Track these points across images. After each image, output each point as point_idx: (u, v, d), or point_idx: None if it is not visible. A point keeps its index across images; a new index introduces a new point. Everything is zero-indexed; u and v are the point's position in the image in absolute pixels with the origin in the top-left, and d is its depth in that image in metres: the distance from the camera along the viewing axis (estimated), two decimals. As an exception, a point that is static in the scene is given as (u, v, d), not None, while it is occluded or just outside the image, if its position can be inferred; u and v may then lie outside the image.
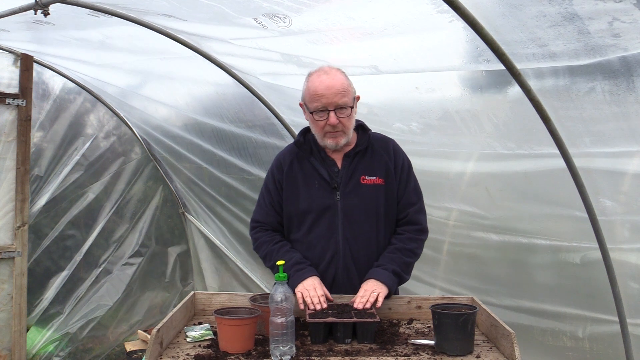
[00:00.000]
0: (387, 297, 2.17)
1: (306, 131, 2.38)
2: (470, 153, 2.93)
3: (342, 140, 2.22)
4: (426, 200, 2.38)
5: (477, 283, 3.12)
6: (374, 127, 2.46)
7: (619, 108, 2.15)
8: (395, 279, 2.21)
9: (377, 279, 2.17)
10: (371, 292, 2.10)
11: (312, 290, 2.09)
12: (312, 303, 2.03)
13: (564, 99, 2.26)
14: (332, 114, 2.15)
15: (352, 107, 2.19)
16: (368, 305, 2.04)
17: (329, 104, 2.14)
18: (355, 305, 2.05)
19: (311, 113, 2.18)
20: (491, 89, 2.53)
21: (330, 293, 2.18)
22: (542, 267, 2.83)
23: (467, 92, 2.61)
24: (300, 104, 2.31)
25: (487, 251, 3.03)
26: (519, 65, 2.21)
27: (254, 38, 2.61)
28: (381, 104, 2.93)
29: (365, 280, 2.19)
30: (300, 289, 2.11)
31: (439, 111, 2.75)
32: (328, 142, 2.22)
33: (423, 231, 2.35)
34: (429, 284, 3.35)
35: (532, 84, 2.25)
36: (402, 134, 2.96)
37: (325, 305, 2.03)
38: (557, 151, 2.40)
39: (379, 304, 2.07)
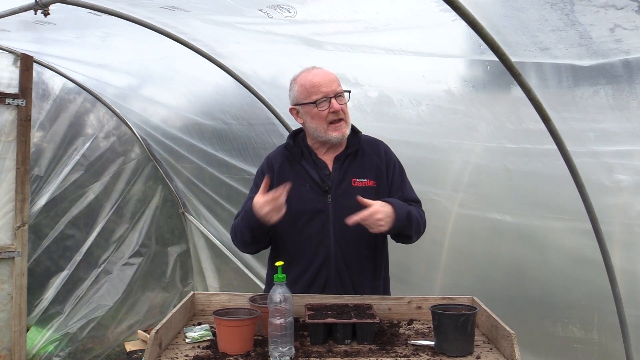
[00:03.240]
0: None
1: (296, 134, 2.37)
2: (471, 150, 2.93)
3: (346, 131, 2.24)
4: (430, 188, 2.35)
5: (486, 272, 3.11)
6: (385, 109, 2.40)
7: (622, 112, 2.15)
8: (406, 222, 2.13)
9: (395, 210, 2.08)
10: (378, 218, 2.03)
11: (265, 205, 2.06)
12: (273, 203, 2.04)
13: (567, 102, 2.26)
14: (333, 100, 2.18)
15: (349, 93, 2.25)
16: (366, 221, 2.03)
17: (329, 91, 2.18)
18: (355, 218, 2.03)
19: (313, 104, 2.19)
20: (495, 83, 2.52)
21: (326, 295, 2.19)
22: (552, 260, 2.81)
23: (470, 85, 2.60)
24: (290, 109, 2.31)
25: (498, 238, 3.01)
26: (520, 67, 2.21)
27: (259, 24, 2.62)
28: (392, 88, 2.94)
29: (385, 203, 2.10)
30: (261, 214, 2.07)
31: (446, 97, 2.75)
32: (333, 135, 2.22)
33: (424, 218, 2.32)
34: (431, 278, 3.34)
35: (534, 83, 2.25)
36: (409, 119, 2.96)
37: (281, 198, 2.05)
38: (556, 149, 2.40)
39: (377, 228, 2.05)
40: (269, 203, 2.06)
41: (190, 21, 2.94)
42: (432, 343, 1.84)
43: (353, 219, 2.05)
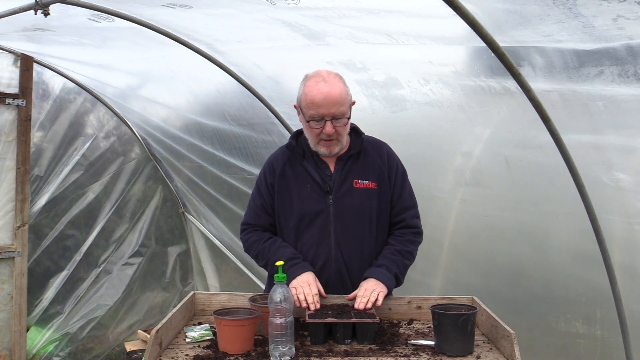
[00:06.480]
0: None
1: (298, 134, 2.37)
2: (474, 144, 2.93)
3: (336, 149, 2.22)
4: (433, 183, 2.32)
5: (487, 269, 3.11)
6: (393, 91, 2.35)
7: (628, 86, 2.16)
8: (394, 281, 2.21)
9: (378, 279, 2.15)
10: (372, 291, 2.08)
11: (307, 288, 2.07)
12: (307, 302, 2.02)
13: (574, 79, 2.26)
14: (328, 123, 2.12)
15: (348, 118, 2.18)
16: (369, 305, 2.03)
17: (326, 114, 2.12)
18: (356, 306, 2.04)
19: (307, 121, 2.17)
20: (495, 82, 2.52)
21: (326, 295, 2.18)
22: (553, 256, 2.82)
23: (478, 73, 2.60)
24: (295, 106, 2.30)
25: (498, 235, 3.02)
26: (524, 51, 2.22)
27: (262, 10, 2.61)
28: (399, 70, 2.92)
29: (365, 279, 2.17)
30: (295, 284, 2.10)
31: (454, 76, 2.74)
32: (321, 150, 2.22)
33: (420, 234, 2.35)
34: (432, 276, 3.34)
35: (539, 65, 2.26)
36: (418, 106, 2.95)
37: (318, 306, 2.02)
38: (557, 149, 2.40)
39: (379, 303, 2.06)
40: (311, 299, 2.06)
41: (191, 21, 2.93)
42: (432, 343, 1.85)
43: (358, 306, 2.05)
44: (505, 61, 2.20)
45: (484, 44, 2.19)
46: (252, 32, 2.93)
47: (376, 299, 2.06)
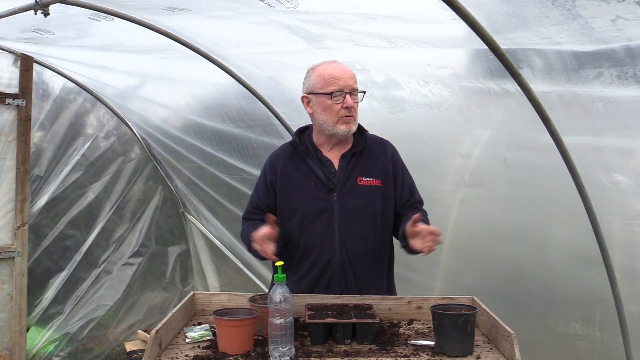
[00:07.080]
0: None
1: (301, 131, 2.37)
2: (474, 144, 2.93)
3: (353, 127, 2.24)
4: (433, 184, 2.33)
5: (487, 270, 3.11)
6: (393, 92, 2.38)
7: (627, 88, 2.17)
8: None
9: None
10: (437, 237, 2.06)
11: (257, 244, 2.10)
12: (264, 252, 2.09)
13: (573, 81, 2.27)
14: (348, 96, 2.19)
15: (363, 93, 2.27)
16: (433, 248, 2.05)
17: (346, 86, 2.19)
18: (421, 245, 2.07)
19: (329, 95, 2.18)
20: (495, 82, 2.53)
21: (326, 295, 2.18)
22: (552, 257, 2.82)
23: (477, 75, 2.61)
24: (302, 97, 2.29)
25: (501, 233, 3.03)
26: (522, 53, 2.23)
27: (261, 13, 2.62)
28: (399, 72, 2.93)
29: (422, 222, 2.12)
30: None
31: (454, 78, 2.75)
32: (342, 128, 2.21)
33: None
34: (432, 277, 3.34)
35: (538, 67, 2.27)
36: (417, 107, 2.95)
37: (266, 249, 2.08)
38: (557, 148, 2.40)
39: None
40: (264, 242, 2.09)
41: (191, 24, 2.93)
42: (432, 343, 1.85)
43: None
44: (505, 61, 2.20)
45: (483, 47, 2.20)
46: (251, 35, 2.93)
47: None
